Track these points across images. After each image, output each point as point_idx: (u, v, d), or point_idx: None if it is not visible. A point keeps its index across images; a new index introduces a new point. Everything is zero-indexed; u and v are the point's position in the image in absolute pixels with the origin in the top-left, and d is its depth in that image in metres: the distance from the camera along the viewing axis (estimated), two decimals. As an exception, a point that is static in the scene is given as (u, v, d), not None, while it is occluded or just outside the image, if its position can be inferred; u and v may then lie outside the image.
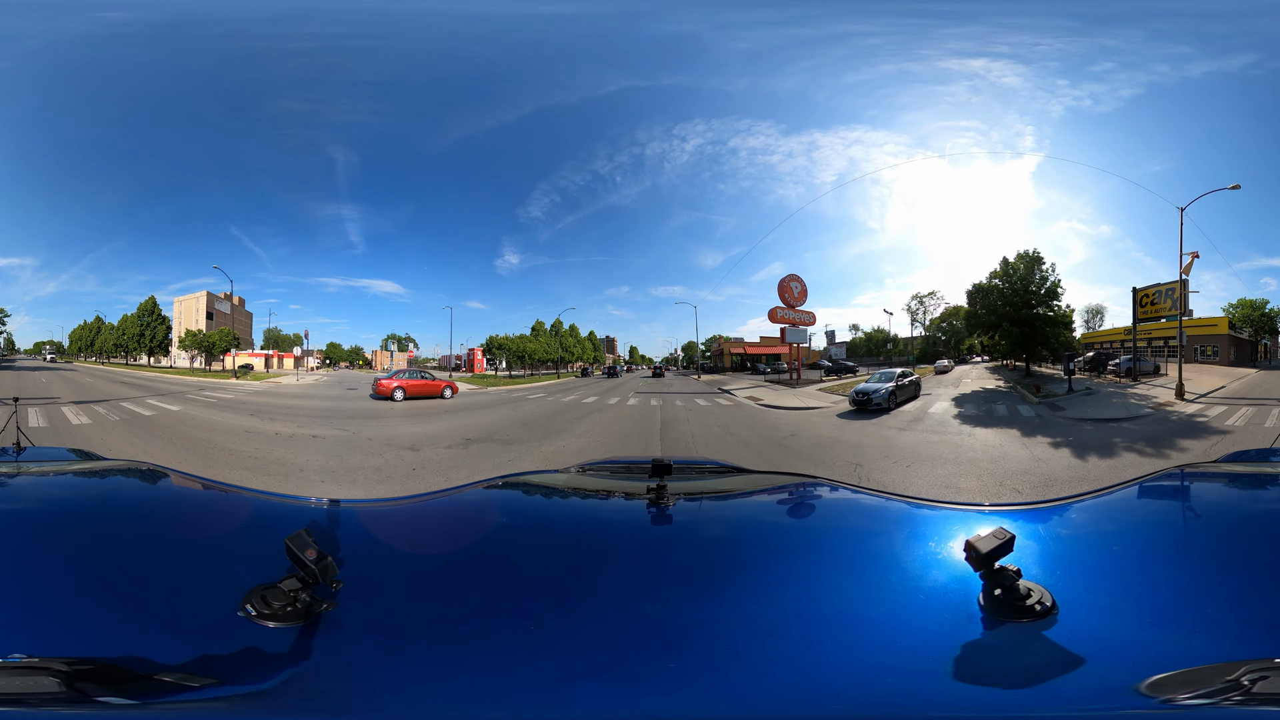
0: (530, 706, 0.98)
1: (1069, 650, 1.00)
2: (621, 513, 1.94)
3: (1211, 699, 0.85)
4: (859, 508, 2.10)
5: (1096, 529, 1.59)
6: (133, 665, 0.99)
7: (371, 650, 1.13)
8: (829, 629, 1.16)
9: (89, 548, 1.42)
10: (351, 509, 1.95)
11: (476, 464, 12.09)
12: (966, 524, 1.55)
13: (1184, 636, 1.03)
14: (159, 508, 1.88)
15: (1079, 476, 11.02)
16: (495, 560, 1.53)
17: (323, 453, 13.25)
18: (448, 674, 1.06)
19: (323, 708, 1.00)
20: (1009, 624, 1.09)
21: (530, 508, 2.10)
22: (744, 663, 1.07)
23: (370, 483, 10.60)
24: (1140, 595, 1.19)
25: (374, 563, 1.47)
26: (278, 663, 1.05)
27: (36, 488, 1.90)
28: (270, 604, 1.15)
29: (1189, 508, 1.75)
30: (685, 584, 1.37)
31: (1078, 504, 1.71)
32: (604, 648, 1.12)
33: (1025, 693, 0.96)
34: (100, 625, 1.13)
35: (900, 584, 1.31)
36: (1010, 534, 1.12)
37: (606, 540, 1.70)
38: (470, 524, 1.90)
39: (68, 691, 0.89)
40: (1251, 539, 1.39)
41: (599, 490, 2.14)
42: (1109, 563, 1.36)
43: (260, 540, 1.49)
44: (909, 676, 1.00)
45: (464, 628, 1.20)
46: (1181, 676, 0.90)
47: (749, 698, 0.99)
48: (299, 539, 1.17)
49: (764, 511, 2.08)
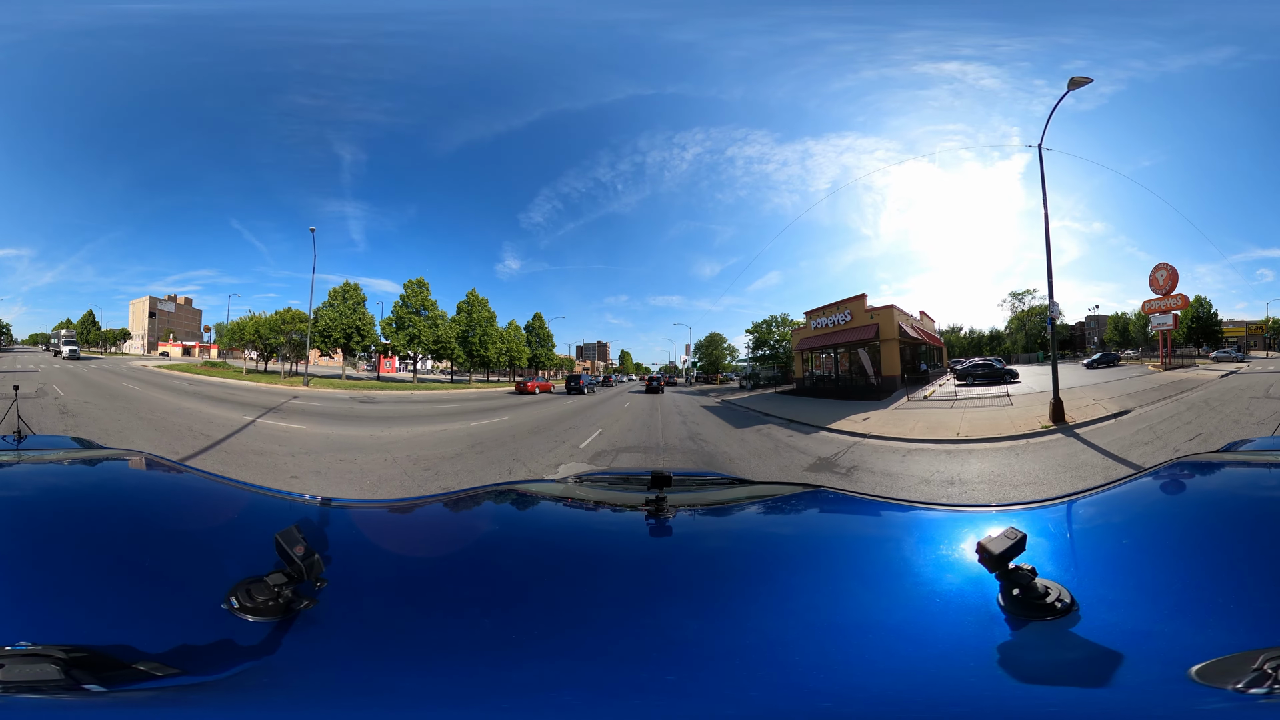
0: (509, 713, 0.97)
1: (1105, 645, 1.00)
2: (619, 524, 1.91)
3: (1261, 687, 0.85)
4: (864, 515, 2.08)
5: (1105, 524, 1.58)
6: (119, 654, 0.99)
7: (341, 649, 1.13)
8: (848, 637, 1.14)
9: (86, 536, 1.42)
10: (344, 508, 1.94)
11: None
12: (974, 526, 1.54)
13: (1202, 628, 1.02)
14: (155, 497, 1.88)
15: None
16: (484, 567, 1.52)
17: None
18: (419, 677, 1.04)
19: (260, 700, 0.98)
20: (1033, 623, 1.08)
21: (525, 517, 2.07)
22: (757, 673, 1.04)
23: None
24: (1155, 588, 1.18)
25: (361, 563, 1.47)
26: (241, 655, 1.05)
27: (36, 476, 1.91)
28: (254, 597, 1.15)
29: (1194, 499, 1.75)
30: (685, 595, 1.34)
31: (1084, 500, 1.71)
32: (595, 658, 1.10)
33: (1084, 691, 0.95)
34: (93, 613, 1.13)
35: (915, 589, 1.30)
36: (1022, 533, 1.12)
37: (602, 551, 1.68)
38: (461, 530, 1.88)
39: (65, 679, 0.90)
40: (1257, 528, 1.38)
41: (596, 501, 2.11)
42: (1120, 557, 1.36)
43: (252, 534, 1.48)
44: (955, 680, 0.98)
45: (444, 633, 1.20)
46: (1213, 666, 0.90)
47: (765, 704, 0.96)
48: (289, 535, 1.17)
49: (767, 522, 2.05)
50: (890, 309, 26.77)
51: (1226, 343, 38.69)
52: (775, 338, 36.80)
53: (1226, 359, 32.91)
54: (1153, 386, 20.51)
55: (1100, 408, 16.32)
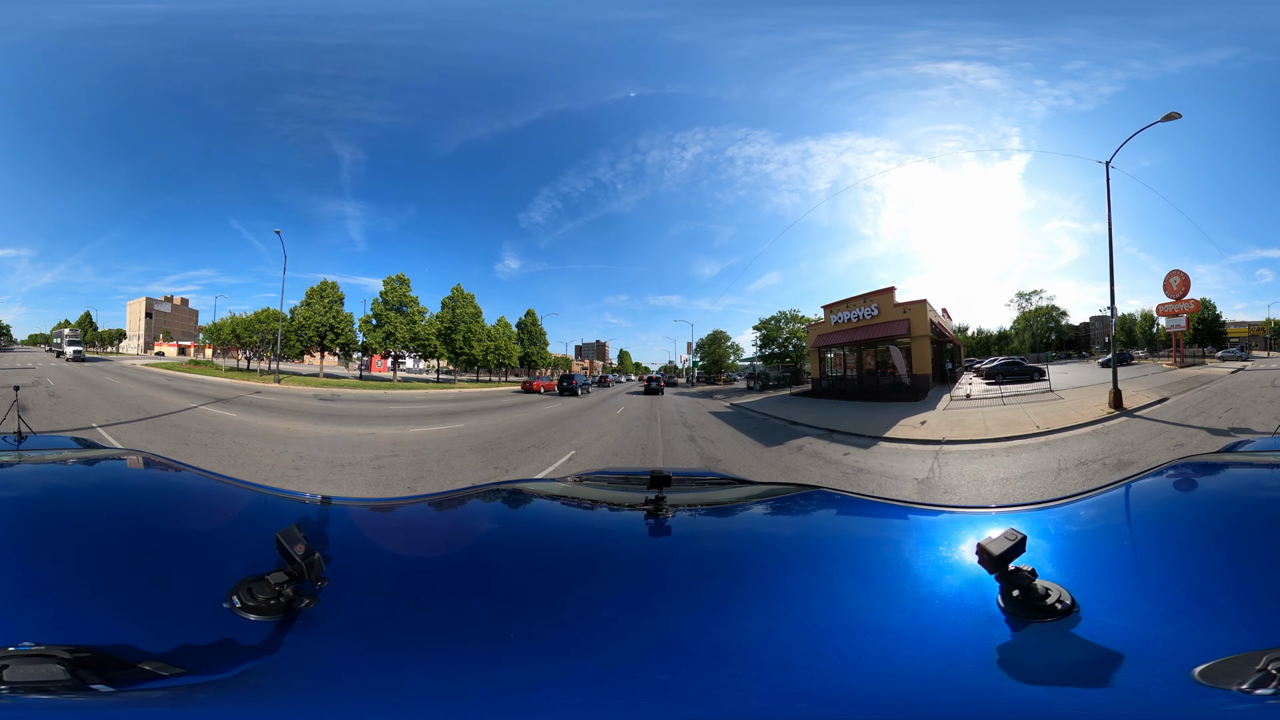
0: (505, 711, 0.97)
1: (1107, 646, 1.00)
2: (618, 523, 1.91)
3: (1267, 687, 0.85)
4: (863, 516, 2.08)
5: (1105, 525, 1.58)
6: (122, 654, 0.99)
7: (343, 647, 1.13)
8: (846, 638, 1.14)
9: (87, 535, 1.42)
10: (344, 507, 1.94)
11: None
12: (974, 527, 1.54)
13: (1204, 629, 1.02)
14: (156, 497, 1.88)
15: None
16: (484, 566, 1.52)
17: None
18: (420, 675, 1.04)
19: (269, 700, 0.98)
20: (1034, 624, 1.07)
21: (524, 516, 2.07)
22: (753, 673, 1.04)
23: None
24: (1156, 589, 1.18)
25: (361, 562, 1.47)
26: (244, 655, 1.05)
27: (37, 476, 1.92)
28: (255, 596, 1.15)
29: (1194, 500, 1.74)
30: (683, 595, 1.34)
31: (1084, 501, 1.70)
32: (590, 657, 1.10)
33: (1088, 691, 0.94)
34: (96, 613, 1.13)
35: (914, 590, 1.30)
36: (1022, 534, 1.11)
37: (601, 550, 1.68)
38: (461, 529, 1.88)
39: (72, 680, 0.91)
40: (1258, 528, 1.38)
41: (595, 500, 2.11)
42: (1121, 558, 1.36)
43: (253, 533, 1.49)
44: (955, 681, 0.98)
45: (443, 631, 1.20)
46: (1218, 667, 0.90)
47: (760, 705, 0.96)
48: (290, 534, 1.17)
49: (766, 523, 2.04)
50: (923, 304, 25.07)
51: (1229, 343, 39.69)
52: (784, 335, 35.05)
53: (1232, 358, 35.28)
54: (1176, 380, 22.52)
55: (1143, 396, 17.88)
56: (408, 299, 37.04)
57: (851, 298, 27.99)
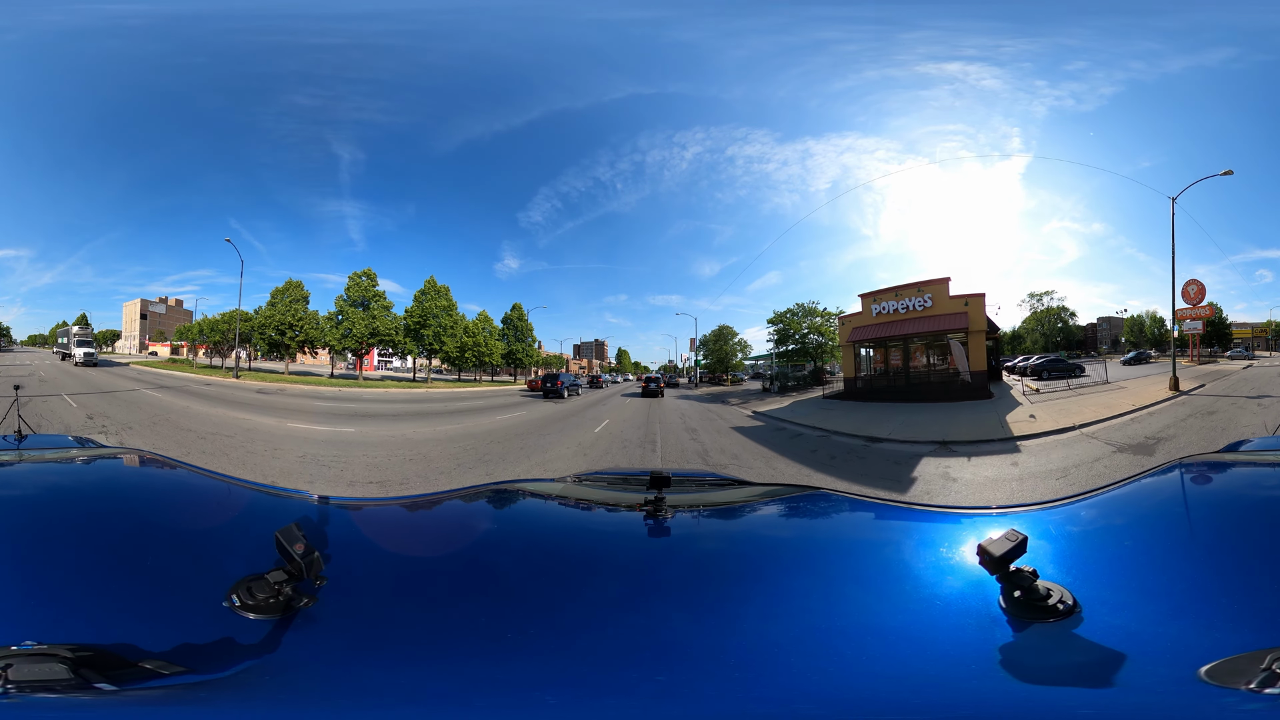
0: (500, 711, 0.97)
1: (1110, 646, 0.99)
2: (616, 524, 1.90)
3: (1274, 686, 0.85)
4: (863, 517, 2.07)
5: (1107, 525, 1.58)
6: (123, 652, 1.00)
7: (341, 646, 1.13)
8: (847, 639, 1.14)
9: (87, 535, 1.42)
10: (343, 507, 1.95)
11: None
12: (975, 528, 1.53)
13: (1207, 629, 1.02)
14: (155, 496, 1.88)
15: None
16: (482, 567, 1.52)
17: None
18: (418, 674, 1.05)
19: (269, 698, 0.99)
20: (1036, 625, 1.07)
21: (522, 516, 2.07)
22: (752, 673, 1.04)
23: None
24: (1157, 590, 1.18)
25: (360, 561, 1.47)
26: (243, 653, 1.05)
27: (37, 475, 1.92)
28: (254, 595, 1.16)
29: (1195, 500, 1.74)
30: (682, 596, 1.34)
31: (1085, 501, 1.70)
32: (587, 658, 1.10)
33: (1092, 691, 0.94)
34: (96, 612, 1.14)
35: (914, 592, 1.29)
36: (1023, 535, 1.11)
37: (600, 551, 1.67)
38: (459, 529, 1.88)
39: (75, 678, 0.91)
40: (1260, 527, 1.38)
41: (594, 501, 2.11)
42: (1123, 558, 1.36)
43: (252, 532, 1.49)
44: (956, 682, 0.98)
45: (441, 631, 1.20)
46: (1223, 666, 0.90)
47: (757, 707, 0.96)
48: (289, 532, 1.18)
49: (766, 524, 2.04)
50: (981, 297, 23.15)
51: (1234, 344, 41.07)
52: (804, 329, 30.92)
53: (1239, 357, 40.22)
54: (1202, 373, 27.09)
55: (1188, 383, 21.40)
56: (372, 294, 35.76)
57: (900, 286, 25.40)
